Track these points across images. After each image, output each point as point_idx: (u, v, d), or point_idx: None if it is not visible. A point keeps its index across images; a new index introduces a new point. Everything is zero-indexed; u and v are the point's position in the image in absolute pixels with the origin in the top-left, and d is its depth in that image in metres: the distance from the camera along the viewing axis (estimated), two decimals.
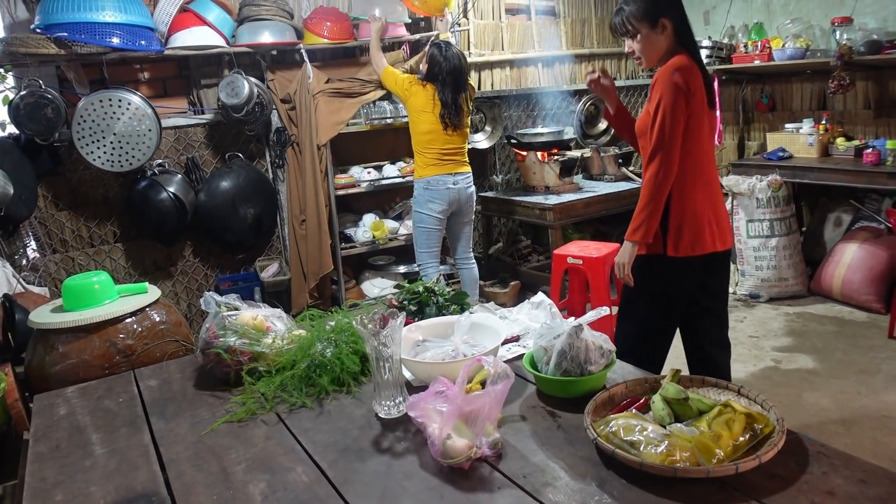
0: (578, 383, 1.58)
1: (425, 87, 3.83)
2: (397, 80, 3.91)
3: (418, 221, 4.04)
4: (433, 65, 3.83)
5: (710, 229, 2.39)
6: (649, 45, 2.38)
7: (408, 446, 1.44)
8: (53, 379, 2.15)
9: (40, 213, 3.88)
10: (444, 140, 3.88)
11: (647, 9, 2.35)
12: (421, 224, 4.03)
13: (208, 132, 4.26)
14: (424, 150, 3.90)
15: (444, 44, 3.90)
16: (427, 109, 3.82)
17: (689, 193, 2.37)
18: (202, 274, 4.40)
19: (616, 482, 1.24)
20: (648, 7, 2.35)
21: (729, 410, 1.33)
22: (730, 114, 5.50)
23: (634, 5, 2.36)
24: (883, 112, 4.62)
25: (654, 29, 2.36)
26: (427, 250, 4.07)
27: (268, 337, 1.86)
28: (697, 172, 2.39)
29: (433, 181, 3.92)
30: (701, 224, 2.37)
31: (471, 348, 1.76)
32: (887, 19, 4.42)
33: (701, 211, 2.38)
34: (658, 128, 2.29)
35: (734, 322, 4.27)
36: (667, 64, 2.34)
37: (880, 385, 3.31)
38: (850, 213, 4.72)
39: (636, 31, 2.37)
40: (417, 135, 3.91)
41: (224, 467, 1.41)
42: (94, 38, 3.46)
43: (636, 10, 2.36)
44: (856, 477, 1.20)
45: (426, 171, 3.93)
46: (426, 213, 3.98)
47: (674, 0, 2.41)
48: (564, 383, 1.58)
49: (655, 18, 2.35)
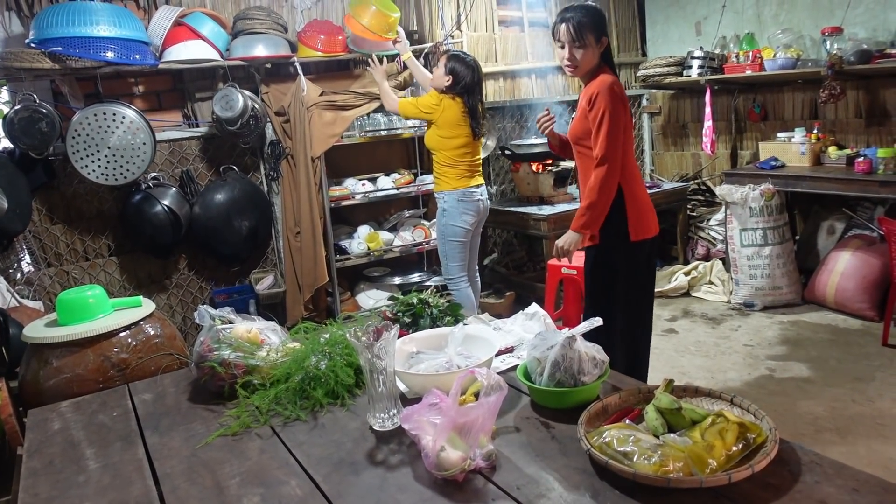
0: (572, 394, 1.58)
1: (455, 101, 3.73)
2: (419, 104, 3.79)
3: (452, 235, 3.89)
4: (460, 77, 3.71)
5: (652, 215, 2.79)
6: (589, 56, 2.62)
7: (402, 459, 1.44)
8: (47, 393, 2.14)
9: (35, 226, 3.87)
10: (474, 151, 3.86)
11: (597, 23, 2.61)
12: (455, 237, 3.89)
13: (203, 145, 4.26)
14: (457, 162, 3.81)
15: (461, 54, 3.81)
16: (461, 122, 3.74)
17: (635, 186, 2.73)
18: (197, 287, 4.39)
19: (610, 493, 1.25)
20: (598, 22, 2.62)
21: (722, 420, 1.33)
22: (722, 123, 5.53)
23: (588, 18, 2.59)
24: (874, 121, 4.66)
25: (597, 43, 2.62)
26: (459, 263, 3.96)
27: (262, 350, 1.86)
28: (634, 169, 2.76)
29: (467, 193, 3.84)
30: (648, 210, 2.77)
31: (465, 360, 1.76)
32: (877, 29, 4.46)
33: (645, 199, 2.77)
34: (605, 136, 2.57)
35: (729, 331, 4.28)
36: (602, 78, 2.61)
37: (874, 393, 3.32)
38: (843, 221, 4.74)
39: (584, 42, 2.59)
40: (451, 149, 3.78)
41: (218, 481, 1.41)
42: (89, 52, 3.48)
43: (590, 22, 2.59)
44: (848, 486, 1.20)
45: (459, 182, 3.83)
46: (460, 226, 3.87)
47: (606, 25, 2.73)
48: (558, 394, 1.59)
49: (601, 34, 2.63)
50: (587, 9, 2.63)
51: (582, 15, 2.58)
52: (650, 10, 6.01)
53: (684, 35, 5.74)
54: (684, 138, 5.98)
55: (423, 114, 3.80)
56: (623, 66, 6.06)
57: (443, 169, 3.85)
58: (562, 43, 2.63)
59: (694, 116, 5.82)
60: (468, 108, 3.75)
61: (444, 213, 3.89)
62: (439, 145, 3.81)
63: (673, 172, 6.06)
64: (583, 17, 2.58)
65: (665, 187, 5.38)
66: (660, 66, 5.45)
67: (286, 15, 4.43)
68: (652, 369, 3.76)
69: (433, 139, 3.83)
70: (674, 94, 5.95)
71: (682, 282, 5.02)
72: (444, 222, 3.91)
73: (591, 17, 2.60)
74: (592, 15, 2.61)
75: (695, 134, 5.82)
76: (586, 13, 2.59)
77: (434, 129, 3.81)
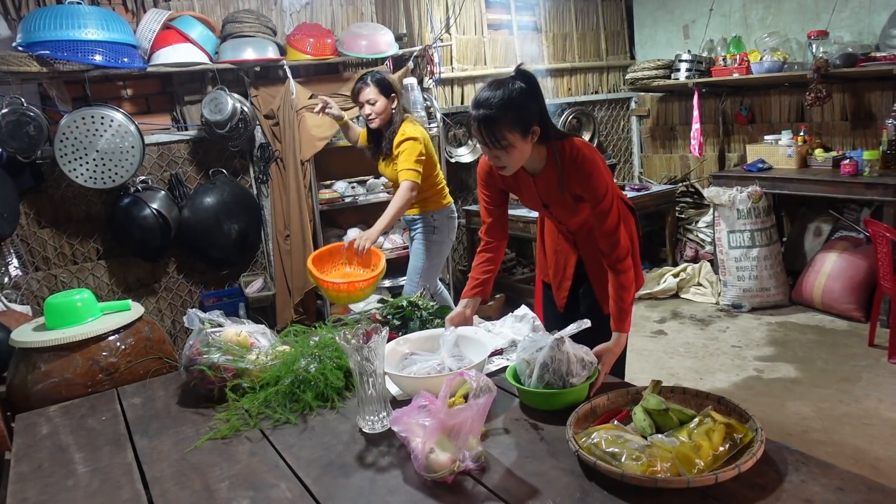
0: (560, 395, 1.59)
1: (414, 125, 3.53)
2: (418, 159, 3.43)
3: (441, 254, 3.77)
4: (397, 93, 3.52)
5: None
6: (519, 154, 1.92)
7: (392, 461, 1.44)
8: (35, 398, 2.13)
9: (22, 230, 3.85)
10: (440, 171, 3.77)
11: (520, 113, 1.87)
12: (442, 256, 3.80)
13: (192, 148, 4.25)
14: (438, 181, 3.70)
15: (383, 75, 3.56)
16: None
17: None
18: (186, 290, 4.38)
19: (598, 493, 1.26)
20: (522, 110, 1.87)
21: (709, 421, 1.35)
22: (710, 126, 5.57)
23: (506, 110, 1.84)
24: (859, 123, 4.70)
25: (525, 138, 1.89)
26: (440, 276, 3.93)
27: (252, 353, 1.86)
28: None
29: (451, 209, 3.75)
30: None
31: (457, 362, 1.77)
32: (862, 32, 4.50)
33: None
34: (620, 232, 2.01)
35: (717, 332, 4.31)
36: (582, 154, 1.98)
37: (861, 393, 3.35)
38: (830, 223, 4.78)
39: (507, 143, 1.87)
40: (431, 174, 3.59)
41: (208, 484, 1.41)
42: (77, 55, 3.46)
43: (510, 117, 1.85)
44: (833, 485, 1.22)
45: (446, 200, 3.74)
46: (449, 241, 3.79)
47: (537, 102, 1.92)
48: (547, 396, 1.60)
49: (530, 123, 1.89)
50: (503, 100, 1.83)
51: (496, 112, 1.83)
52: (638, 14, 6.04)
53: (672, 38, 5.77)
54: (672, 141, 6.01)
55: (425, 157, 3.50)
56: (611, 69, 6.09)
57: (427, 193, 3.64)
58: (481, 142, 1.93)
59: (682, 119, 5.86)
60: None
61: (437, 231, 3.70)
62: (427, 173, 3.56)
63: (661, 175, 6.09)
64: (497, 114, 1.83)
65: (653, 189, 5.40)
66: (648, 69, 5.49)
67: (275, 18, 4.43)
68: (640, 370, 3.79)
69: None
70: (662, 96, 5.99)
71: (671, 284, 5.04)
72: (434, 240, 3.72)
73: (513, 109, 1.84)
74: (513, 107, 1.84)
75: (683, 136, 5.85)
76: (503, 108, 1.83)
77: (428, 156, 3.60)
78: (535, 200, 2.18)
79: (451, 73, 5.12)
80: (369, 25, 4.56)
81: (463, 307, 2.16)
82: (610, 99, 6.09)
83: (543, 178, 2.07)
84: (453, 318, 2.09)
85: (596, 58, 6.00)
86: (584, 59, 5.93)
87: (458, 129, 5.27)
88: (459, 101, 5.24)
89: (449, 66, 5.10)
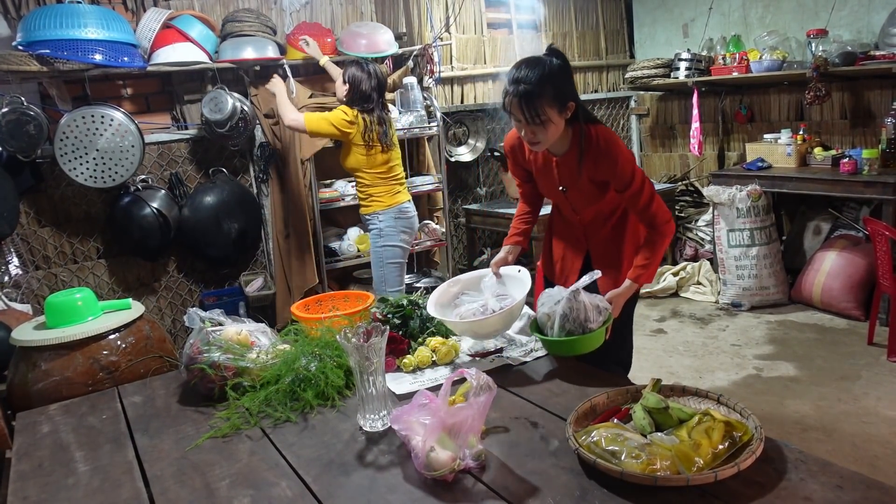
0: (581, 341, 1.82)
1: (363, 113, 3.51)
2: (333, 120, 3.45)
3: (391, 257, 3.67)
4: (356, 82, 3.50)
5: None
6: (553, 131, 1.99)
7: (392, 459, 1.45)
8: (36, 397, 2.13)
9: (23, 229, 3.85)
10: (397, 164, 3.70)
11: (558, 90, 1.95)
12: (393, 259, 3.68)
13: (192, 147, 4.25)
14: (385, 179, 3.63)
15: (360, 61, 3.59)
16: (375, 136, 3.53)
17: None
18: (186, 289, 4.38)
19: (598, 491, 1.26)
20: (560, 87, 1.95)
21: (708, 419, 1.35)
22: (709, 125, 5.57)
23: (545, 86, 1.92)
24: (858, 122, 4.70)
25: (561, 114, 1.98)
26: (398, 288, 3.73)
27: (252, 352, 1.86)
28: None
29: (402, 209, 3.67)
30: None
31: (499, 302, 1.98)
32: (861, 31, 4.51)
33: None
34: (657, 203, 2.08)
35: (716, 331, 4.31)
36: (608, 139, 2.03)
37: (860, 391, 3.35)
38: (829, 221, 4.78)
39: (545, 118, 1.95)
40: (376, 167, 3.58)
41: (208, 483, 1.41)
42: (77, 54, 3.46)
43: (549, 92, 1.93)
44: (832, 483, 1.22)
45: (393, 199, 3.64)
46: (399, 246, 3.68)
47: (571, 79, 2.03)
48: (570, 343, 1.83)
49: (566, 99, 1.97)
50: (542, 75, 1.92)
51: (536, 86, 1.91)
52: (638, 13, 6.04)
53: (671, 37, 5.78)
54: (672, 140, 6.01)
55: (337, 131, 3.47)
56: (611, 67, 6.09)
57: (370, 190, 3.63)
58: (516, 118, 2.00)
59: (681, 118, 5.86)
60: (376, 118, 3.52)
61: (381, 234, 3.64)
62: (362, 164, 3.57)
63: (661, 173, 6.09)
64: (537, 88, 1.91)
65: None
66: (647, 67, 5.49)
67: (275, 17, 4.43)
68: (640, 369, 3.79)
69: (355, 159, 3.57)
70: (661, 95, 5.99)
71: (671, 282, 5.05)
72: (380, 244, 3.66)
73: (552, 84, 1.93)
74: (552, 81, 1.93)
75: (682, 135, 5.85)
76: (542, 82, 1.91)
77: (353, 149, 3.55)
78: (554, 183, 2.22)
79: (451, 72, 5.12)
80: (369, 24, 4.56)
81: (506, 253, 2.31)
82: (609, 98, 6.09)
83: (566, 160, 2.13)
84: (496, 262, 2.24)
85: (595, 57, 6.00)
86: (584, 57, 5.93)
87: (458, 128, 5.28)
88: (459, 100, 5.24)
89: (449, 66, 5.10)
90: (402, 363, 1.93)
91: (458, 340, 2.07)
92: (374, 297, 2.26)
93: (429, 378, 1.86)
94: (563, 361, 1.92)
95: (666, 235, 2.10)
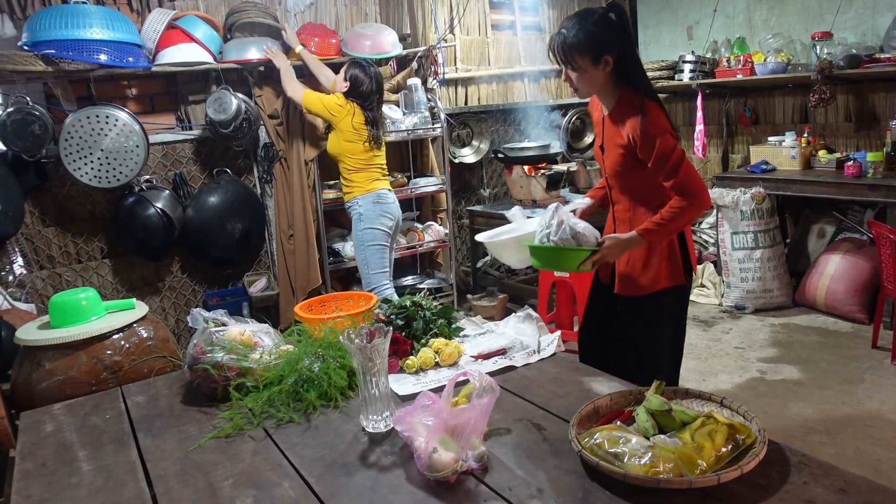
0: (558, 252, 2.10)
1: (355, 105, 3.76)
2: (325, 102, 3.76)
3: (371, 239, 3.84)
4: (358, 83, 3.75)
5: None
6: (588, 80, 2.15)
7: (394, 460, 1.45)
8: (40, 396, 2.14)
9: (27, 229, 3.87)
10: (380, 156, 3.92)
11: (592, 42, 2.09)
12: (374, 242, 3.84)
13: (196, 148, 4.26)
14: (366, 166, 3.84)
15: (363, 62, 3.83)
16: (362, 130, 3.78)
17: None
18: (190, 289, 4.39)
19: (600, 494, 1.26)
20: (593, 41, 2.09)
21: (711, 422, 1.35)
22: (714, 127, 5.56)
23: (579, 36, 2.09)
24: (863, 125, 4.69)
25: (595, 65, 2.11)
26: (381, 270, 3.90)
27: (255, 352, 1.86)
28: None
29: (381, 195, 3.85)
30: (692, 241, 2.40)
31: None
32: (866, 34, 4.50)
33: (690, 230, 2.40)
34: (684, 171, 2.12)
35: (720, 334, 4.30)
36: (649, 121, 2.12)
37: (864, 395, 3.34)
38: (833, 224, 4.77)
39: (576, 65, 2.13)
40: (357, 154, 3.81)
41: (211, 483, 1.42)
42: (82, 55, 3.47)
43: (581, 42, 2.09)
44: (836, 486, 1.22)
45: (372, 185, 3.85)
46: (379, 229, 3.84)
47: (619, 35, 2.12)
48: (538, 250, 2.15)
49: (600, 53, 2.10)
50: (582, 24, 2.09)
51: (572, 33, 2.09)
52: (642, 15, 6.04)
53: (676, 39, 5.77)
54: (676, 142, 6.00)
55: (328, 113, 3.76)
56: None
57: (352, 175, 3.85)
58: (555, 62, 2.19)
59: (685, 120, 5.85)
60: (368, 117, 3.78)
61: (361, 218, 3.83)
62: (345, 150, 3.80)
63: None
64: (572, 36, 2.09)
65: None
66: (651, 70, 5.48)
67: (279, 19, 4.44)
68: None
69: (337, 145, 3.82)
70: (665, 97, 5.98)
71: None
72: (361, 228, 3.84)
73: (586, 33, 2.07)
74: (587, 31, 2.08)
75: (686, 137, 5.85)
76: (578, 30, 2.08)
77: (336, 135, 3.81)
78: (599, 139, 2.33)
79: (455, 73, 5.13)
80: (373, 26, 4.57)
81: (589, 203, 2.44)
82: None
83: (609, 118, 2.24)
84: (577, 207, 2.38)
85: None
86: None
87: (462, 129, 5.28)
88: (463, 101, 5.25)
89: (453, 67, 5.11)
90: (406, 364, 1.93)
91: (462, 342, 2.07)
92: (376, 298, 2.26)
93: (432, 379, 1.86)
94: (566, 364, 1.91)
95: (693, 206, 2.09)
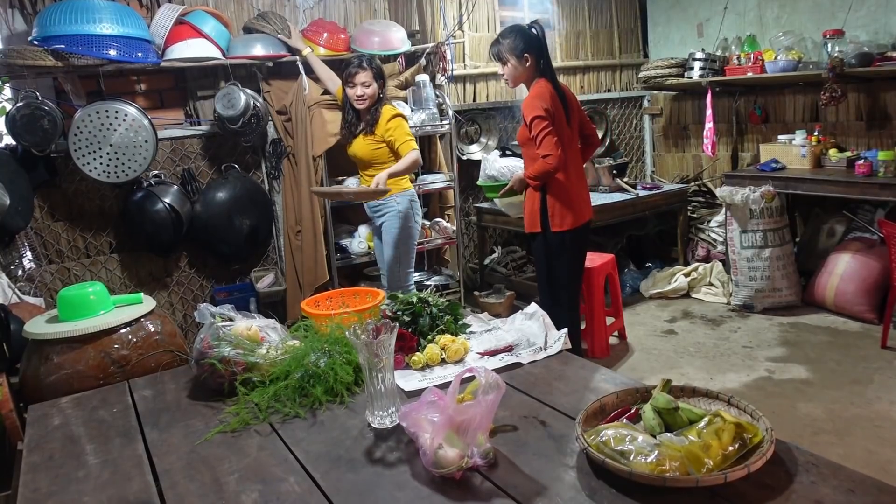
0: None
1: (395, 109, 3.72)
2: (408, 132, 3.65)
3: (411, 237, 3.75)
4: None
5: (576, 208, 3.23)
6: (513, 73, 3.19)
7: (400, 456, 1.44)
8: (48, 389, 2.15)
9: (36, 223, 3.88)
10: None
11: (515, 44, 3.14)
12: (413, 239, 3.76)
13: (204, 143, 4.27)
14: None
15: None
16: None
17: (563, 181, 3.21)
18: (198, 285, 4.40)
19: (606, 491, 1.25)
20: (517, 42, 3.13)
21: (719, 420, 1.34)
22: (723, 125, 5.54)
23: (506, 40, 3.15)
24: (874, 124, 4.66)
25: (518, 61, 3.14)
26: (411, 269, 3.83)
27: (262, 347, 1.87)
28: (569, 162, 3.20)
29: (414, 194, 3.79)
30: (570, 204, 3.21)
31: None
32: (878, 32, 4.46)
33: (569, 194, 3.21)
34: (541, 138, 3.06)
35: (728, 332, 4.29)
36: (532, 90, 3.17)
37: (873, 395, 3.32)
38: (843, 223, 4.74)
39: (504, 61, 3.17)
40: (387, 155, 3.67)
41: (217, 477, 1.42)
42: (92, 50, 3.49)
43: (507, 44, 3.14)
44: (844, 486, 1.21)
45: (407, 184, 3.77)
46: (416, 226, 3.78)
47: (536, 42, 3.15)
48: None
49: (521, 52, 3.13)
50: (507, 32, 3.18)
51: (501, 38, 3.17)
52: (652, 12, 6.02)
53: (686, 37, 5.75)
54: (685, 140, 5.98)
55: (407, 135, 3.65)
56: (625, 67, 6.08)
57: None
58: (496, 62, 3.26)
59: (695, 118, 5.83)
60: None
61: (400, 215, 3.70)
62: (378, 154, 3.67)
63: (674, 174, 6.06)
64: (501, 39, 3.17)
65: (665, 189, 5.38)
66: (661, 67, 5.46)
67: (289, 14, 4.44)
68: (650, 370, 3.79)
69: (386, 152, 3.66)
70: (675, 95, 5.96)
71: (682, 283, 5.03)
72: (403, 225, 3.71)
73: (510, 39, 3.13)
74: (511, 37, 3.13)
75: (696, 135, 5.83)
76: (505, 36, 3.16)
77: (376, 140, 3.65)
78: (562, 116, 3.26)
79: (464, 70, 5.12)
80: (382, 22, 4.57)
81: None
82: (623, 97, 6.07)
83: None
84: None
85: (609, 56, 5.99)
86: (597, 56, 5.92)
87: (470, 126, 5.27)
88: (472, 98, 5.24)
89: (461, 64, 5.10)
90: (412, 360, 1.93)
91: (468, 338, 2.06)
92: (384, 294, 2.26)
93: (438, 376, 1.86)
94: (572, 361, 1.91)
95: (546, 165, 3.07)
